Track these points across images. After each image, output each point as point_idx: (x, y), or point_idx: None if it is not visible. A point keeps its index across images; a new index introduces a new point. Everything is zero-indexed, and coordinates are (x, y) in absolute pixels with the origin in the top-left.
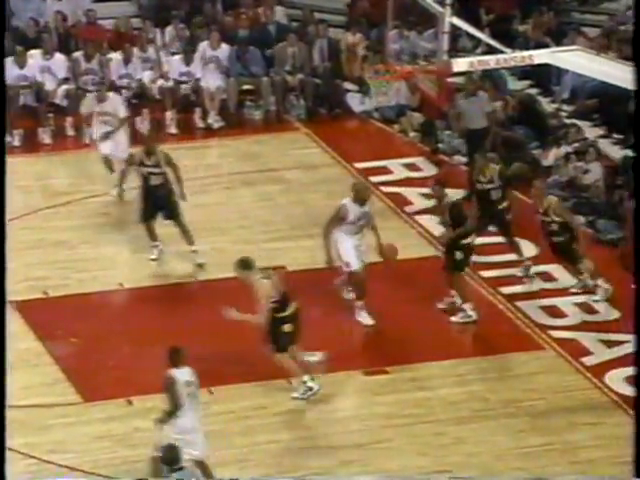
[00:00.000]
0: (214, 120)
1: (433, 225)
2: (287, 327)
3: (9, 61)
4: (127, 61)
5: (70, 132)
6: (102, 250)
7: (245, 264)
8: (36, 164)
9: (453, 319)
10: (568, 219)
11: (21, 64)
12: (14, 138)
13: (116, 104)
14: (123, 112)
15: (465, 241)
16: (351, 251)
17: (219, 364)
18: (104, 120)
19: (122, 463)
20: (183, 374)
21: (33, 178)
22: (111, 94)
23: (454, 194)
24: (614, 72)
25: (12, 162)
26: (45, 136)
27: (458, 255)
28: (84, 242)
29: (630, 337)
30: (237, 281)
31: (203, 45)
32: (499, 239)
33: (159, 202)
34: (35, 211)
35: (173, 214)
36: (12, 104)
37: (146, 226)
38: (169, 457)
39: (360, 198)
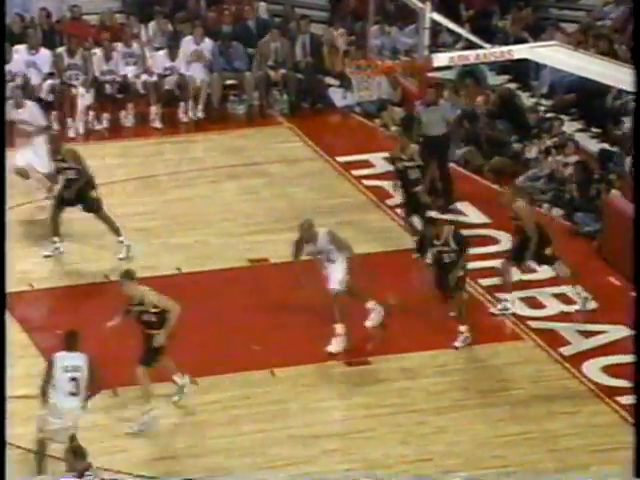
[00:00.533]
0: (196, 112)
1: (414, 218)
2: (156, 343)
3: None
4: (110, 57)
5: (55, 126)
6: (87, 242)
7: (127, 274)
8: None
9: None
10: (529, 226)
11: (7, 59)
12: None
13: (34, 112)
14: (41, 121)
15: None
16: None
17: (204, 355)
18: (22, 128)
19: (107, 453)
20: (67, 358)
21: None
22: (29, 102)
23: None
24: (591, 67)
25: None
26: None
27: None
28: (72, 235)
29: (607, 327)
30: (219, 274)
31: (187, 40)
32: (480, 232)
33: (74, 196)
34: (21, 204)
35: (92, 208)
36: None
37: (53, 218)
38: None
39: (307, 238)
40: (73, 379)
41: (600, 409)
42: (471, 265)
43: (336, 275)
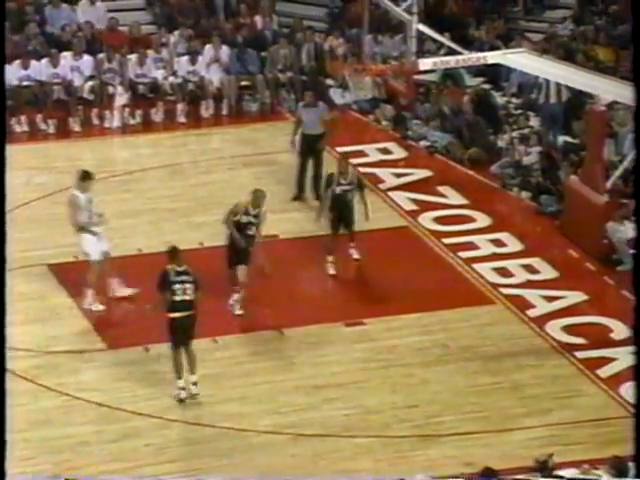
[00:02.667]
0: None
1: (403, 200)
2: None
3: (44, 62)
4: (142, 62)
5: (95, 121)
6: (123, 221)
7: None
8: (68, 148)
9: None
10: None
11: (54, 64)
12: (49, 126)
13: None
14: None
15: None
16: None
17: (222, 317)
18: None
19: (141, 400)
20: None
21: (65, 160)
22: None
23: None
24: (554, 71)
25: (47, 147)
26: (75, 125)
27: None
28: (107, 214)
29: (567, 293)
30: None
31: (207, 47)
32: (458, 212)
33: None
34: (67, 188)
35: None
36: (47, 98)
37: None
38: None
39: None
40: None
41: (561, 362)
42: (451, 240)
43: None
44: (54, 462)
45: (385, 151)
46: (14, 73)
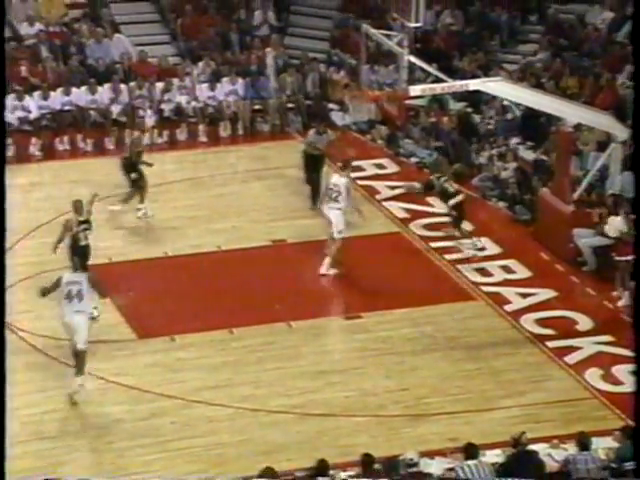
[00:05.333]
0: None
1: (396, 209)
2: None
3: (83, 89)
4: (168, 88)
5: (127, 140)
6: (152, 226)
7: None
8: (103, 164)
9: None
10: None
11: (92, 91)
12: (87, 145)
13: None
14: None
15: None
16: None
17: (237, 311)
18: None
19: (166, 384)
20: (70, 276)
21: (101, 174)
22: None
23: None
24: (527, 97)
25: (86, 163)
26: (110, 144)
27: None
28: (138, 221)
29: (538, 290)
30: (249, 250)
31: (225, 80)
32: (444, 219)
33: None
34: (104, 199)
35: None
36: (86, 120)
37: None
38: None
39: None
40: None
41: (533, 351)
42: (438, 244)
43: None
44: (92, 436)
45: (380, 166)
46: (58, 99)
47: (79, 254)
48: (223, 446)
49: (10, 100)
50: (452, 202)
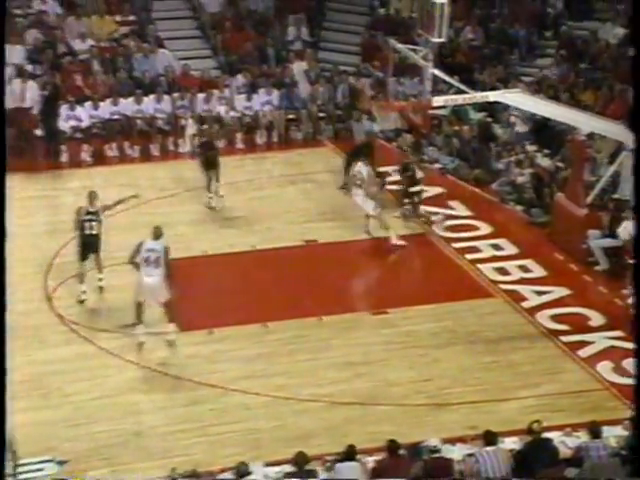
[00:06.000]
0: (269, 138)
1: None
2: None
3: (131, 100)
4: (209, 99)
5: (171, 147)
6: (193, 228)
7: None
8: (149, 169)
9: None
10: None
11: (139, 102)
12: (134, 152)
13: None
14: None
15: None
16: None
17: (272, 306)
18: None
19: (206, 373)
20: (151, 244)
21: (147, 179)
22: None
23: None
24: (543, 107)
25: (133, 168)
26: (155, 150)
27: None
28: (180, 222)
29: (553, 288)
30: (284, 250)
31: (261, 91)
32: (465, 221)
33: None
34: (148, 201)
35: None
36: (132, 129)
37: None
38: None
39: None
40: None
41: (548, 345)
42: (459, 245)
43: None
44: (137, 421)
45: None
46: (107, 109)
47: (82, 243)
48: (258, 432)
49: (64, 110)
50: (417, 188)
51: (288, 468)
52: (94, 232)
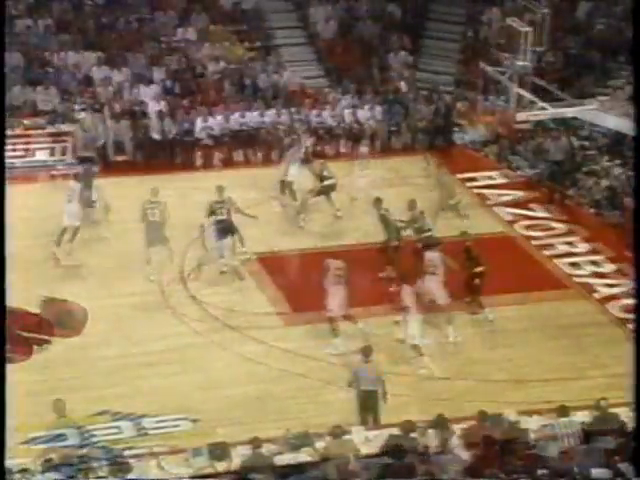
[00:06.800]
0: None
1: (503, 213)
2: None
3: (255, 113)
4: (320, 113)
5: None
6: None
7: None
8: (271, 172)
9: None
10: None
11: (262, 115)
12: (257, 157)
13: None
14: None
15: None
16: None
17: (368, 294)
18: None
19: (314, 349)
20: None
21: (269, 181)
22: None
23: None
24: (617, 123)
25: (257, 172)
26: (275, 156)
27: None
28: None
29: (623, 281)
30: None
31: (366, 107)
32: (544, 222)
33: None
34: (268, 200)
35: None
36: (256, 138)
37: None
38: None
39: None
40: None
41: (616, 331)
42: (538, 242)
43: None
44: (256, 388)
45: (491, 177)
46: (236, 120)
47: (219, 227)
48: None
49: (199, 122)
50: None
51: (387, 433)
52: (224, 217)
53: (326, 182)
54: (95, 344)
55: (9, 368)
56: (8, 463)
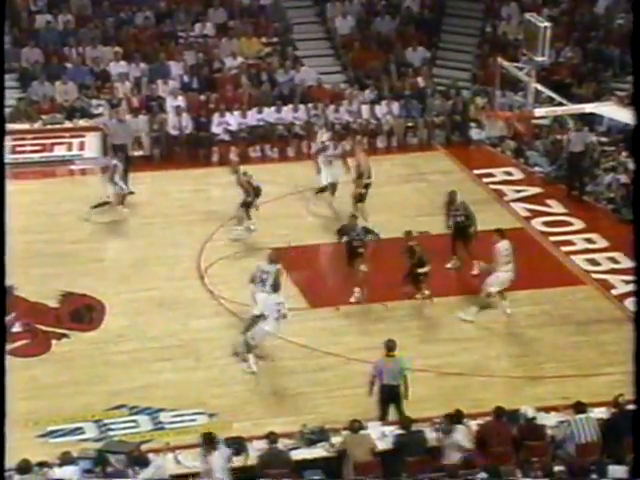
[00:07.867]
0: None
1: (520, 209)
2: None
3: (272, 109)
4: (337, 109)
5: (305, 149)
6: (322, 218)
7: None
8: (286, 167)
9: None
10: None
11: (279, 111)
12: (274, 153)
13: None
14: None
15: None
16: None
17: (389, 287)
18: None
19: (332, 344)
20: (264, 266)
21: (284, 176)
22: None
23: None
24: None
25: (273, 167)
26: (291, 152)
27: None
28: (311, 214)
29: None
30: (399, 240)
31: (383, 102)
32: (561, 218)
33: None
34: (284, 196)
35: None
36: (273, 134)
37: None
38: None
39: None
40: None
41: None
42: (555, 238)
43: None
44: (273, 383)
45: (508, 173)
46: (253, 117)
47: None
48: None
49: (216, 117)
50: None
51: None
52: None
53: (365, 181)
54: (113, 338)
55: (27, 362)
56: (24, 456)
